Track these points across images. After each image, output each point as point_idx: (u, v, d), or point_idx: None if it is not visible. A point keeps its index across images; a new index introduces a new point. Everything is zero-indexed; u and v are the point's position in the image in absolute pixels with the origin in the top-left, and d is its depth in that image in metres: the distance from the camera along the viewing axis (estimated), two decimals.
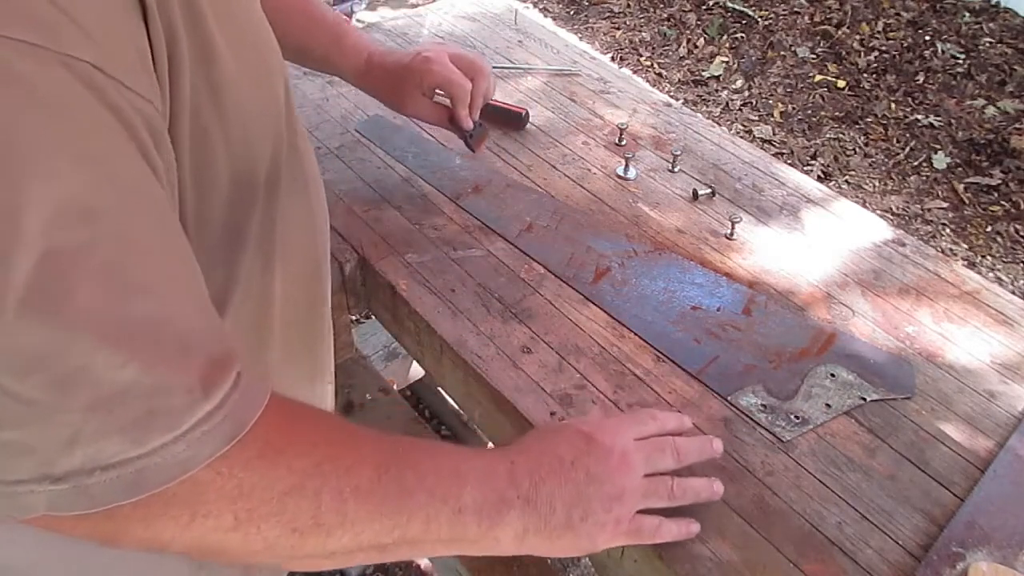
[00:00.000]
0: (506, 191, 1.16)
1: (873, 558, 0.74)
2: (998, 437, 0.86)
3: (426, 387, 2.01)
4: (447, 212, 1.12)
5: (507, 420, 0.88)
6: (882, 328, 0.99)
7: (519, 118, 1.29)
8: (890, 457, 0.83)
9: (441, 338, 0.93)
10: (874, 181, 2.93)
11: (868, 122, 3.18)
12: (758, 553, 0.73)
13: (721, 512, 0.76)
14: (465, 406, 0.98)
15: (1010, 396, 0.91)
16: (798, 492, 0.79)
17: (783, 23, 3.72)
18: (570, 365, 0.91)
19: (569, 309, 0.98)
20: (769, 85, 3.39)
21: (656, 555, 0.73)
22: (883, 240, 1.13)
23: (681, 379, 0.90)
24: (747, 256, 1.08)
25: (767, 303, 1.01)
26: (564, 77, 1.46)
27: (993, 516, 0.77)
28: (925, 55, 3.46)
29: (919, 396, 0.90)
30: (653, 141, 1.30)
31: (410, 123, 1.29)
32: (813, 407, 0.87)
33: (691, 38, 3.72)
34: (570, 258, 1.05)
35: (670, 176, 1.22)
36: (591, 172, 1.22)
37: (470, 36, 1.55)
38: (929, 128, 3.12)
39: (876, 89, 3.32)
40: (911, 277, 1.07)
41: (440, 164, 1.20)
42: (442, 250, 1.05)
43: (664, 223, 1.13)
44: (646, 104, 1.39)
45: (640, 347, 0.94)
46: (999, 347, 0.97)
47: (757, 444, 0.83)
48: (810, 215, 1.16)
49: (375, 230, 1.08)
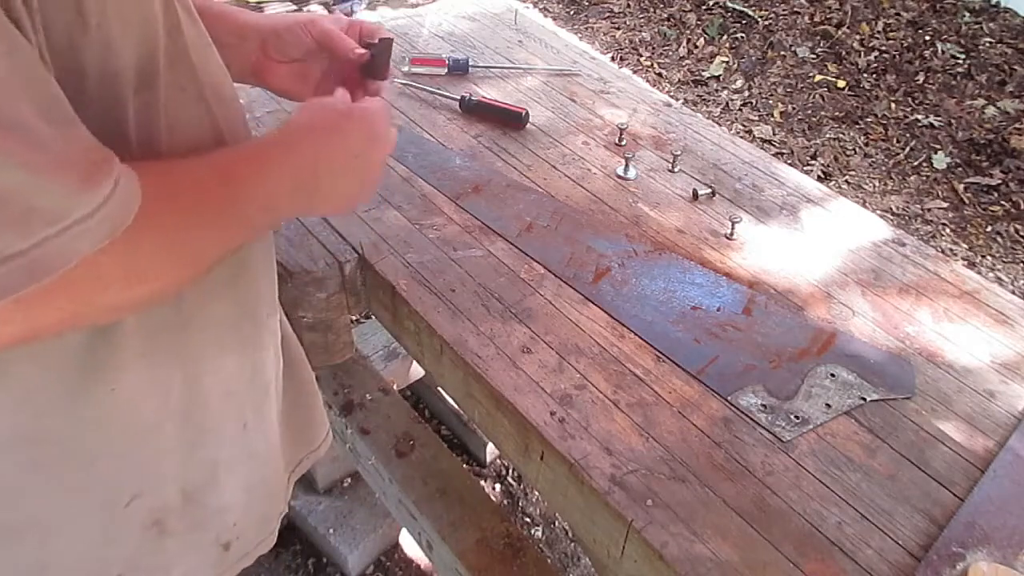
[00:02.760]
0: (506, 191, 1.16)
1: (873, 558, 0.74)
2: (998, 437, 0.86)
3: (426, 387, 2.01)
4: (447, 212, 1.12)
5: (507, 420, 0.88)
6: (882, 328, 0.99)
7: (519, 118, 1.29)
8: (890, 457, 0.83)
9: (441, 338, 0.93)
10: (874, 181, 2.93)
11: (868, 122, 3.18)
12: (758, 553, 0.73)
13: (721, 512, 0.76)
14: (465, 406, 0.98)
15: (1010, 396, 0.91)
16: (798, 492, 0.79)
17: (783, 23, 3.72)
18: (570, 365, 0.91)
19: (569, 309, 0.98)
20: (769, 85, 3.39)
21: (656, 555, 0.73)
22: (883, 240, 1.13)
23: (681, 379, 0.90)
24: (747, 256, 1.08)
25: (767, 303, 1.01)
26: (564, 77, 1.46)
27: (993, 516, 0.77)
28: (925, 55, 3.46)
29: (919, 396, 0.90)
30: (653, 141, 1.30)
31: (410, 123, 1.29)
32: (813, 407, 0.87)
33: (691, 38, 3.72)
34: (570, 258, 1.05)
35: (670, 176, 1.22)
36: (591, 172, 1.22)
37: (470, 36, 1.55)
38: (929, 128, 3.12)
39: (876, 89, 3.32)
40: (911, 277, 1.07)
41: (440, 164, 1.20)
42: (442, 250, 1.05)
43: (664, 223, 1.13)
44: (646, 104, 1.39)
45: (640, 347, 0.94)
46: (999, 347, 0.97)
47: (757, 444, 0.83)
48: (810, 215, 1.16)
49: (375, 230, 1.08)
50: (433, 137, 1.27)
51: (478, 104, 1.31)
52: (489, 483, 1.91)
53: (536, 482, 0.89)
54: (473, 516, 1.19)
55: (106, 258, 0.49)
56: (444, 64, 1.42)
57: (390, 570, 1.73)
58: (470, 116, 1.32)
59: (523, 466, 0.91)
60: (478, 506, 1.20)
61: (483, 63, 1.46)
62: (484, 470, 1.94)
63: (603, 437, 0.83)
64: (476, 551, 1.15)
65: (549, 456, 0.83)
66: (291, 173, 0.63)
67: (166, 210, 0.54)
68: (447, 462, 1.26)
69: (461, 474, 1.25)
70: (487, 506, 1.21)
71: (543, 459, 0.85)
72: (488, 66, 1.45)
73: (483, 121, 1.31)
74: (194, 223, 0.56)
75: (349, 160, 0.68)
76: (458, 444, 1.98)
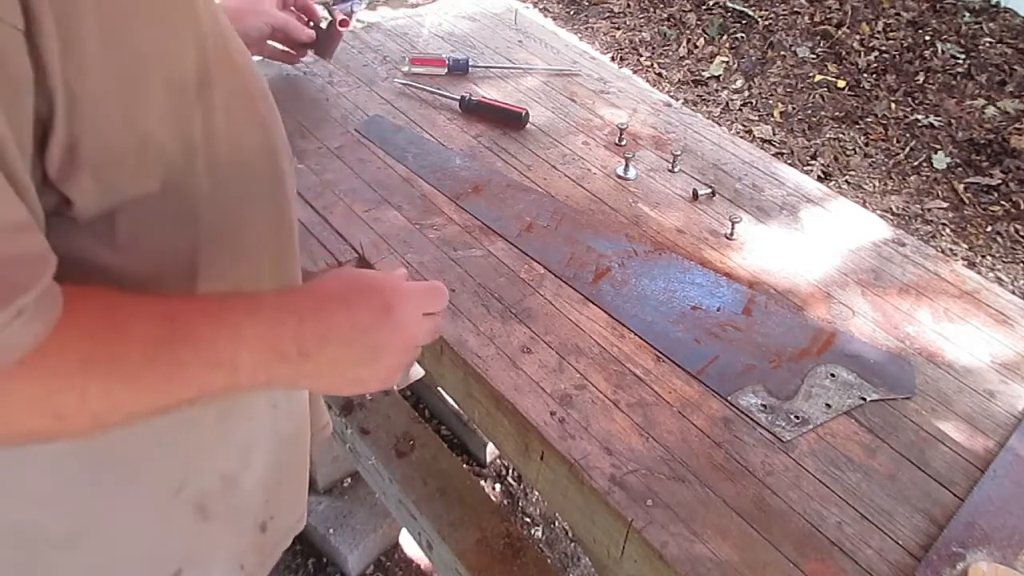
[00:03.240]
0: (506, 191, 1.16)
1: (873, 558, 0.74)
2: (998, 437, 0.86)
3: (426, 387, 2.01)
4: (447, 212, 1.12)
5: (507, 420, 0.88)
6: (882, 328, 0.99)
7: (519, 118, 1.29)
8: (890, 457, 0.83)
9: (441, 338, 0.93)
10: (874, 181, 2.93)
11: (868, 122, 3.18)
12: (758, 553, 0.73)
13: (721, 512, 0.77)
14: (465, 406, 0.98)
15: (1010, 396, 0.91)
16: (798, 492, 0.79)
17: (783, 23, 3.72)
18: (570, 365, 0.91)
19: (569, 309, 0.98)
20: (769, 85, 3.39)
21: (656, 555, 0.73)
22: (883, 240, 1.13)
23: (681, 379, 0.90)
24: (747, 256, 1.08)
25: (767, 303, 1.01)
26: (564, 77, 1.46)
27: (993, 516, 0.77)
28: (925, 55, 3.46)
29: (919, 396, 0.90)
30: (653, 141, 1.30)
31: (410, 123, 1.29)
32: (813, 407, 0.87)
33: (691, 38, 3.72)
34: (570, 258, 1.05)
35: (670, 176, 1.22)
36: (591, 172, 1.22)
37: (470, 36, 1.55)
38: (929, 128, 3.12)
39: (876, 89, 3.32)
40: (911, 277, 1.07)
41: (440, 164, 1.20)
42: (442, 250, 1.05)
43: (664, 223, 1.13)
44: (646, 104, 1.39)
45: (640, 347, 0.94)
46: (999, 347, 0.97)
47: (757, 444, 0.83)
48: (810, 215, 1.16)
49: (375, 230, 1.08)
50: (433, 137, 1.27)
51: (478, 104, 1.31)
52: (489, 483, 1.91)
53: (536, 482, 0.89)
54: (473, 516, 1.19)
55: (9, 384, 0.46)
56: (444, 64, 1.42)
57: (390, 570, 1.73)
58: (470, 116, 1.32)
59: (523, 466, 0.91)
60: (478, 506, 1.20)
61: (483, 63, 1.46)
62: (484, 470, 1.94)
63: (603, 437, 0.83)
64: (476, 551, 1.15)
65: (549, 456, 0.84)
66: (267, 338, 0.55)
67: (86, 348, 0.49)
68: (447, 462, 1.26)
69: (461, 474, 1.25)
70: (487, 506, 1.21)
71: (543, 459, 0.85)
72: (488, 66, 1.45)
73: (483, 121, 1.31)
74: (118, 370, 0.50)
75: (353, 334, 0.60)
76: (458, 444, 1.98)
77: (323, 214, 1.10)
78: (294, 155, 1.20)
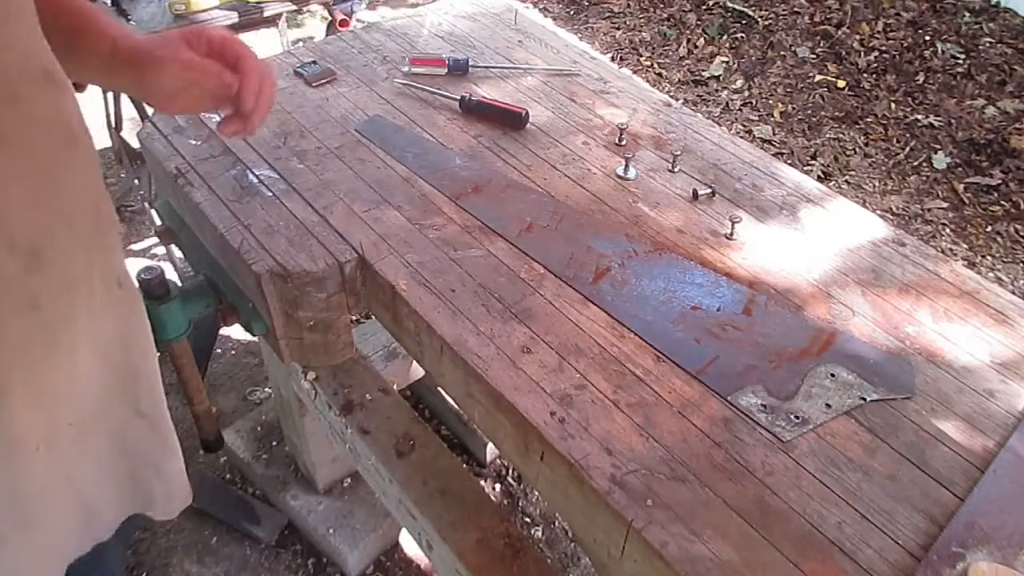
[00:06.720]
0: (506, 191, 1.16)
1: (873, 558, 0.74)
2: (998, 437, 0.86)
3: (426, 387, 2.01)
4: (447, 212, 1.12)
5: (507, 420, 0.88)
6: (882, 328, 0.99)
7: (519, 118, 1.29)
8: (890, 457, 0.83)
9: (441, 338, 0.93)
10: (874, 181, 2.93)
11: (868, 122, 3.18)
12: (758, 553, 0.73)
13: (721, 512, 0.76)
14: (465, 406, 0.98)
15: (1010, 395, 0.91)
16: (798, 492, 0.79)
17: (783, 23, 3.72)
18: (570, 365, 0.91)
19: (569, 309, 0.98)
20: (769, 85, 3.39)
21: (656, 555, 0.73)
22: (883, 240, 1.13)
23: (681, 379, 0.90)
24: (747, 256, 1.08)
25: (767, 303, 1.01)
26: (564, 77, 1.46)
27: (993, 516, 0.77)
28: (925, 55, 3.46)
29: (919, 396, 0.90)
30: (653, 141, 1.30)
31: (410, 123, 1.29)
32: (813, 407, 0.87)
33: (691, 38, 3.72)
34: (570, 258, 1.05)
35: (670, 176, 1.22)
36: (591, 172, 1.22)
37: (470, 36, 1.55)
38: (929, 128, 3.12)
39: (876, 89, 3.32)
40: (911, 277, 1.07)
41: (440, 164, 1.20)
42: (442, 250, 1.05)
43: (664, 223, 1.13)
44: (646, 104, 1.39)
45: (640, 347, 0.94)
46: (998, 347, 0.97)
47: (757, 444, 0.83)
48: (810, 215, 1.16)
49: (375, 230, 1.08)
50: (433, 137, 1.27)
51: (478, 104, 1.31)
52: (489, 483, 1.91)
53: (536, 482, 0.89)
54: (473, 516, 1.19)
55: None
56: (444, 64, 1.42)
57: (390, 570, 1.73)
58: (470, 116, 1.32)
59: (523, 466, 0.91)
60: (478, 506, 1.20)
61: (483, 63, 1.46)
62: (484, 470, 1.94)
63: (603, 437, 0.83)
64: (476, 551, 1.15)
65: (549, 456, 0.83)
66: None
67: None
68: (447, 462, 1.26)
69: (461, 474, 1.25)
70: (487, 506, 1.21)
71: (543, 459, 0.85)
72: (488, 66, 1.45)
73: (483, 121, 1.31)
74: None
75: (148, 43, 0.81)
76: (458, 444, 1.98)
77: (323, 214, 1.10)
78: (294, 155, 1.20)
